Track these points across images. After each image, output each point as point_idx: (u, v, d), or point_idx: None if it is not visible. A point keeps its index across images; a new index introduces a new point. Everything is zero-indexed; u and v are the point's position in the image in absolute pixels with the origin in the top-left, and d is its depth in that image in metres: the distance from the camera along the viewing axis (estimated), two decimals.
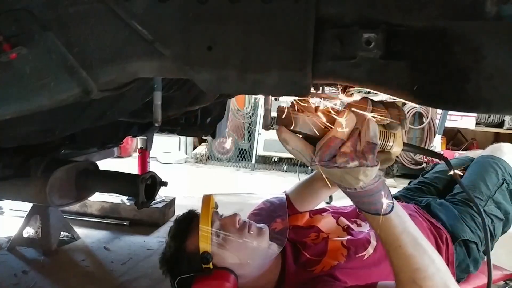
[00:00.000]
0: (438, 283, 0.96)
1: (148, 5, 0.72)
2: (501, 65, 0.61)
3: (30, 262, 2.55)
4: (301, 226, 1.61)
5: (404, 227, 0.95)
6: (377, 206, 0.91)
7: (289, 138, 0.87)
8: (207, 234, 1.28)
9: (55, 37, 0.74)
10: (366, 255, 1.41)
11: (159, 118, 1.10)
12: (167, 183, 2.20)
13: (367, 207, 0.92)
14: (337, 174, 0.85)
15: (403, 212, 0.97)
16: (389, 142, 0.94)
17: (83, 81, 0.76)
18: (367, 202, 0.91)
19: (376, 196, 0.90)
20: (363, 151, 0.83)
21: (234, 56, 0.71)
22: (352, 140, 0.84)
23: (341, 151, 0.84)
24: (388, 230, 0.95)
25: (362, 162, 0.82)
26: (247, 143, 5.91)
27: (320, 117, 0.87)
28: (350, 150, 0.83)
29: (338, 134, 0.84)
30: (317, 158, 0.85)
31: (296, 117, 0.86)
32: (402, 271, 0.98)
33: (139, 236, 3.00)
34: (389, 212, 0.92)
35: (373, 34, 0.64)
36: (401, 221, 0.95)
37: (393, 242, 0.96)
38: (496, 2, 0.58)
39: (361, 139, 0.84)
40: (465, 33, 0.61)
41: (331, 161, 0.84)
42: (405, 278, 0.98)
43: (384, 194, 0.91)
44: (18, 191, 1.72)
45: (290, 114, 0.86)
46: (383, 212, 0.92)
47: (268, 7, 0.68)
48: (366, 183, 0.86)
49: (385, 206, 0.91)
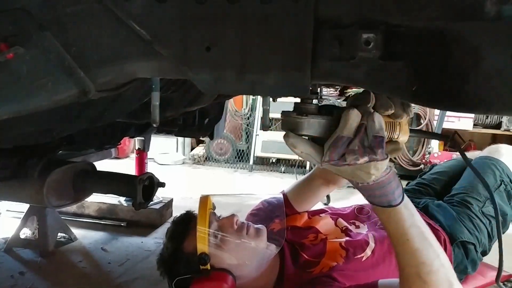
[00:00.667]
0: (442, 278, 0.96)
1: (146, 6, 0.72)
2: (500, 66, 0.61)
3: (27, 264, 2.54)
4: (299, 227, 1.61)
5: (413, 221, 0.95)
6: (389, 197, 0.91)
7: (297, 142, 0.86)
8: (204, 235, 1.28)
9: (52, 37, 0.74)
10: (364, 257, 1.41)
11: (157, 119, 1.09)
12: (164, 184, 2.19)
13: (379, 199, 0.92)
14: (348, 171, 0.85)
15: (412, 205, 0.97)
16: (396, 131, 0.94)
17: (81, 81, 0.76)
18: (378, 195, 0.91)
19: (387, 187, 0.90)
20: (371, 146, 0.83)
21: (233, 57, 0.71)
22: (359, 137, 0.83)
23: (349, 148, 0.83)
24: (398, 224, 0.95)
25: (371, 157, 0.82)
26: (245, 144, 5.91)
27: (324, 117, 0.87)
28: (358, 146, 0.83)
29: (344, 132, 0.84)
30: (327, 158, 0.85)
31: (301, 121, 0.86)
32: (408, 265, 0.97)
33: (136, 237, 3.00)
34: (399, 203, 0.92)
35: (372, 34, 0.64)
36: (410, 213, 0.95)
37: (402, 236, 0.96)
38: (495, 3, 0.58)
39: (367, 134, 0.84)
40: (465, 34, 0.61)
41: (341, 160, 0.84)
42: (410, 272, 0.97)
43: (395, 185, 0.91)
44: (15, 192, 1.72)
45: (294, 118, 0.86)
46: (394, 203, 0.92)
47: (266, 7, 0.68)
48: (377, 176, 0.86)
49: (396, 197, 0.92)
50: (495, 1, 0.57)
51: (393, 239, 0.99)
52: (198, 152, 6.05)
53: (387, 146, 0.90)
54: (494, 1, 0.57)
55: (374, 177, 0.86)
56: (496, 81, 0.61)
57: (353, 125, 0.84)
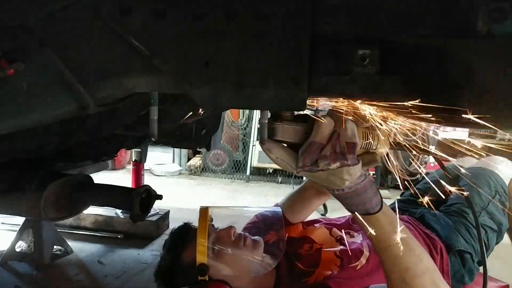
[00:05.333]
0: (427, 281, 0.98)
1: (145, 22, 0.73)
2: (492, 82, 0.62)
3: (22, 277, 2.51)
4: (294, 237, 1.61)
5: (393, 227, 0.97)
6: (366, 205, 0.93)
7: (272, 147, 0.89)
8: (204, 246, 1.28)
9: (52, 52, 0.75)
10: (359, 266, 1.42)
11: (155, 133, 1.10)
12: (161, 197, 2.18)
13: (356, 207, 0.94)
14: (322, 177, 0.88)
15: (391, 212, 0.99)
16: (374, 142, 0.96)
17: (81, 96, 0.77)
18: (356, 203, 0.94)
19: (364, 195, 0.92)
20: (343, 152, 0.86)
21: (231, 72, 0.72)
22: (331, 143, 0.87)
23: (322, 154, 0.86)
24: (378, 230, 0.97)
25: (343, 162, 0.85)
26: (242, 154, 5.91)
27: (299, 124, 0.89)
28: (330, 152, 0.86)
29: (316, 138, 0.87)
30: (300, 164, 0.87)
31: (276, 126, 0.88)
32: (393, 271, 1.00)
33: (133, 250, 2.98)
34: (377, 211, 0.94)
35: (368, 50, 0.66)
36: (389, 221, 0.97)
37: (383, 242, 0.98)
38: (487, 22, 0.59)
39: (340, 140, 0.86)
40: (458, 51, 0.63)
41: (314, 166, 0.87)
42: (396, 278, 0.99)
43: (372, 193, 0.93)
44: (12, 205, 1.71)
45: (270, 124, 0.89)
46: (372, 211, 0.94)
47: (264, 23, 0.69)
48: (352, 182, 0.89)
49: (374, 205, 0.94)
50: (487, 20, 0.59)
51: (375, 246, 1.01)
52: (195, 163, 6.03)
53: (365, 156, 0.93)
54: (485, 20, 0.59)
55: (348, 183, 0.88)
56: (488, 96, 0.62)
57: (326, 131, 0.87)
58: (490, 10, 0.58)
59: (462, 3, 0.61)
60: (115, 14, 0.72)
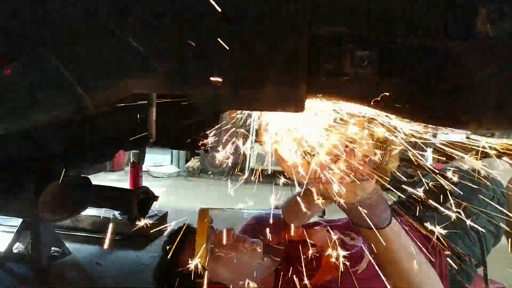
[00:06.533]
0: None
1: (143, 22, 0.73)
2: (491, 83, 0.62)
3: (20, 278, 2.50)
4: (294, 240, 1.60)
5: (400, 243, 0.96)
6: (376, 220, 0.92)
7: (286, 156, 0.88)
8: (202, 249, 1.27)
9: (50, 53, 0.74)
10: (360, 270, 1.41)
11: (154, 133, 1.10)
12: (158, 198, 2.18)
13: (366, 222, 0.93)
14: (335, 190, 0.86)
15: (399, 227, 0.98)
16: (385, 157, 0.95)
17: (78, 97, 0.76)
18: (363, 217, 0.92)
19: (374, 210, 0.91)
20: (358, 167, 0.84)
21: (229, 73, 0.72)
22: (347, 157, 0.85)
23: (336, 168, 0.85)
24: (386, 245, 0.95)
25: (357, 176, 0.83)
26: (240, 156, 5.89)
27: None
28: (345, 166, 0.84)
29: (332, 151, 0.85)
30: (313, 176, 0.86)
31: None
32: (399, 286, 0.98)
33: (131, 251, 2.97)
34: (386, 226, 0.93)
35: (367, 52, 0.65)
36: (397, 236, 0.96)
37: (390, 257, 0.97)
38: (485, 23, 0.59)
39: (355, 155, 0.85)
40: (457, 52, 0.63)
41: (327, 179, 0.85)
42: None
43: (383, 208, 0.91)
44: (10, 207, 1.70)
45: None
46: (381, 226, 0.93)
47: (262, 25, 0.69)
48: (364, 197, 0.87)
49: (383, 220, 0.92)
50: (485, 22, 0.59)
51: (381, 260, 1.01)
52: (193, 165, 6.03)
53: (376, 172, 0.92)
54: (484, 21, 0.59)
55: (360, 198, 0.87)
56: (487, 97, 0.62)
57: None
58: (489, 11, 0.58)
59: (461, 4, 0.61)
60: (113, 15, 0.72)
